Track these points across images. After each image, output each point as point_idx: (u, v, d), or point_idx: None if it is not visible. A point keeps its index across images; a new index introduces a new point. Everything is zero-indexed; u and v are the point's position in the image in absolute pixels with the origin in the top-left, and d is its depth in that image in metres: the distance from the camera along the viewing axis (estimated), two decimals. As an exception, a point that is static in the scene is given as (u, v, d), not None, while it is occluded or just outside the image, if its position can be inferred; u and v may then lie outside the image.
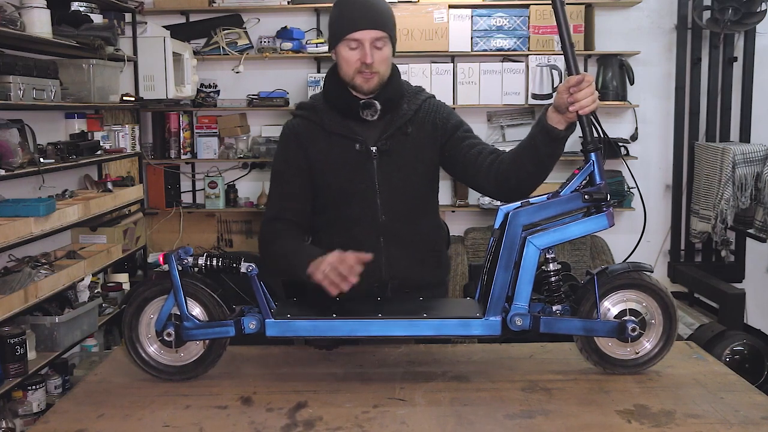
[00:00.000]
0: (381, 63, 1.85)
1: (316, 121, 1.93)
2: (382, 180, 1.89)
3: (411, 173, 1.91)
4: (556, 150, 1.73)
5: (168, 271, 1.61)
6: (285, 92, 4.44)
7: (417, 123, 1.92)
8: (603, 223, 1.62)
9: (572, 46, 1.62)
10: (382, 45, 1.84)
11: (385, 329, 1.62)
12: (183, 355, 1.67)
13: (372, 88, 1.86)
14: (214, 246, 4.60)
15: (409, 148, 1.91)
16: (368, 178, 1.89)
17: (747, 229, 4.22)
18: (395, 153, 1.89)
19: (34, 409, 2.86)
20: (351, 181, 1.90)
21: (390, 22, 1.87)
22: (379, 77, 1.86)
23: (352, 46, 1.83)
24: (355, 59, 1.83)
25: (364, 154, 1.89)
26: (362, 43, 1.82)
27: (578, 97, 1.60)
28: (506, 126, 4.55)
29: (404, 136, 1.90)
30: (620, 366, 1.67)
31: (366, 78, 1.84)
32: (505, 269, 1.61)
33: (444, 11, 4.29)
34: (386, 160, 1.89)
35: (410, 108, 1.93)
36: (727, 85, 4.42)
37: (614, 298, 1.66)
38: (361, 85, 1.86)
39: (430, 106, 1.95)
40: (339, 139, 1.90)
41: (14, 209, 2.77)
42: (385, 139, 1.89)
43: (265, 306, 1.63)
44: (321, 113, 1.93)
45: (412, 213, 1.93)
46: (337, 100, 1.92)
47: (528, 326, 1.61)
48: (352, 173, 1.89)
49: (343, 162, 1.90)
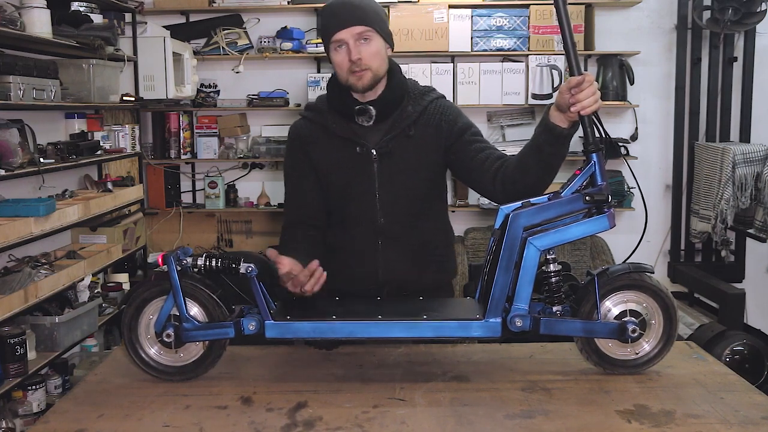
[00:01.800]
0: (371, 57, 1.82)
1: (320, 123, 1.93)
2: (382, 182, 1.89)
3: (412, 176, 1.90)
4: (561, 149, 1.72)
5: (167, 271, 1.61)
6: (285, 92, 4.44)
7: (421, 125, 1.90)
8: (604, 224, 1.62)
9: (574, 45, 1.61)
10: (368, 39, 1.82)
11: (385, 331, 1.62)
12: (182, 356, 1.66)
13: (366, 85, 1.84)
14: (214, 246, 4.61)
15: (412, 151, 1.89)
16: (368, 181, 1.89)
17: (747, 229, 4.22)
18: (397, 155, 1.89)
19: (34, 409, 2.86)
20: (351, 183, 1.90)
21: (373, 16, 1.83)
22: (372, 72, 1.83)
23: (338, 47, 1.83)
24: (344, 60, 1.82)
25: (364, 156, 1.88)
26: (346, 42, 1.81)
27: (580, 98, 1.59)
28: (506, 126, 4.55)
29: (407, 139, 1.89)
30: (620, 366, 1.67)
31: (358, 76, 1.82)
32: (506, 270, 1.60)
33: (444, 11, 4.29)
34: (387, 162, 1.88)
35: (415, 110, 1.91)
36: (727, 85, 4.42)
37: (615, 298, 1.65)
38: (355, 84, 1.84)
39: (436, 108, 1.93)
40: (341, 141, 1.90)
41: (14, 209, 2.77)
42: (387, 142, 1.88)
43: (265, 307, 1.62)
44: (325, 115, 1.93)
45: (413, 216, 1.93)
46: (338, 104, 1.91)
47: (528, 327, 1.61)
48: (352, 175, 1.89)
49: (344, 164, 1.90)
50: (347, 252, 1.94)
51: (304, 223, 1.97)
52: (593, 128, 1.63)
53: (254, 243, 4.62)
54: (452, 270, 2.07)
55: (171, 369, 1.66)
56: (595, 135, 1.63)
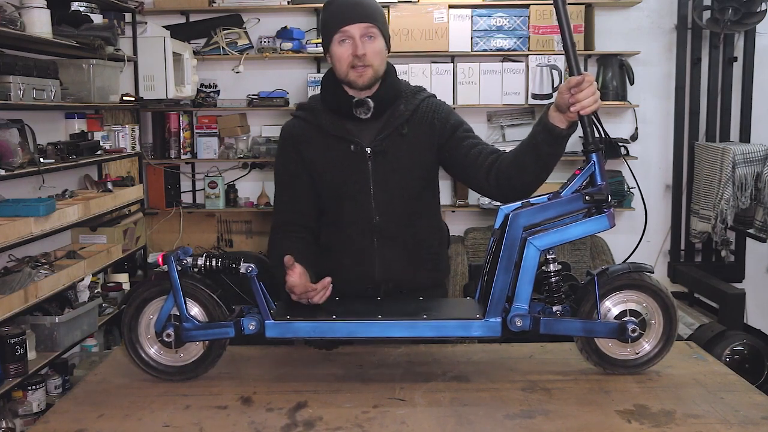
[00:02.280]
0: (374, 55, 1.84)
1: (312, 122, 1.93)
2: (377, 181, 1.88)
3: (406, 174, 1.90)
4: (558, 149, 1.72)
5: (167, 271, 1.61)
6: (285, 92, 4.44)
7: (414, 123, 1.91)
8: (604, 224, 1.62)
9: (573, 45, 1.61)
10: (373, 37, 1.83)
11: (385, 330, 1.62)
12: (183, 356, 1.66)
13: (366, 83, 1.85)
14: (214, 246, 4.61)
15: (405, 149, 1.89)
16: (363, 179, 1.88)
17: (747, 229, 4.22)
18: (390, 154, 1.88)
19: (34, 409, 2.86)
20: (345, 182, 1.89)
21: (378, 15, 1.86)
22: (373, 70, 1.84)
23: (341, 40, 1.83)
24: (346, 54, 1.83)
25: (359, 154, 1.88)
26: (352, 36, 1.82)
27: (579, 98, 1.60)
28: (506, 126, 4.55)
29: (400, 137, 1.89)
30: (620, 366, 1.67)
31: (359, 72, 1.83)
32: (506, 270, 1.60)
33: (444, 11, 4.29)
34: (381, 161, 1.88)
35: (407, 108, 1.91)
36: (727, 85, 4.42)
37: (615, 298, 1.65)
38: (355, 80, 1.84)
39: (428, 106, 1.93)
40: (335, 140, 1.90)
41: (14, 209, 2.77)
42: (381, 140, 1.88)
43: (265, 307, 1.62)
44: (318, 114, 1.93)
45: (407, 214, 1.93)
46: (332, 100, 1.91)
47: (528, 327, 1.61)
48: (346, 174, 1.89)
49: (338, 163, 1.89)
50: (342, 252, 1.94)
51: (295, 223, 1.96)
52: (593, 128, 1.63)
53: (254, 243, 4.62)
54: (446, 268, 2.08)
55: (171, 369, 1.66)
56: (594, 135, 1.63)
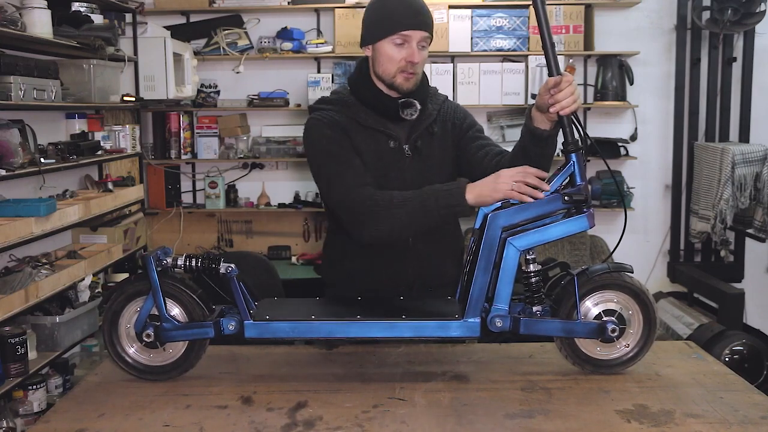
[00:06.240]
0: (422, 64, 1.89)
1: (349, 115, 1.90)
2: (414, 178, 1.89)
3: (439, 171, 1.93)
4: (545, 149, 1.75)
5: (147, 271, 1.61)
6: (285, 92, 4.44)
7: (440, 122, 1.96)
8: (583, 224, 1.62)
9: (553, 45, 1.61)
10: (425, 47, 1.87)
11: (364, 330, 1.62)
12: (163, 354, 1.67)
13: (411, 88, 1.88)
14: (214, 246, 4.61)
15: (436, 147, 1.94)
16: (401, 176, 1.90)
17: (746, 229, 4.22)
18: (424, 152, 1.92)
19: (34, 409, 2.86)
20: (384, 177, 1.88)
21: (433, 26, 1.90)
22: (417, 78, 1.88)
23: (398, 42, 1.83)
24: (400, 57, 1.84)
25: (397, 151, 1.90)
26: (410, 42, 1.83)
27: (558, 98, 1.61)
28: (506, 126, 4.55)
29: (431, 136, 1.94)
30: (600, 366, 1.66)
31: (407, 77, 1.86)
32: (485, 271, 1.60)
33: (444, 11, 4.29)
34: (417, 158, 1.91)
35: (434, 108, 1.96)
36: (726, 85, 4.42)
37: (594, 298, 1.65)
38: (401, 84, 1.86)
39: (449, 106, 2.00)
40: (374, 134, 1.90)
41: (15, 209, 2.77)
42: (416, 138, 1.91)
43: (244, 307, 1.62)
44: (353, 108, 1.91)
45: None
46: (372, 98, 1.90)
47: (508, 327, 1.61)
48: (385, 169, 1.89)
49: (378, 158, 1.89)
50: (376, 249, 1.90)
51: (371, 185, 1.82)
52: (572, 128, 1.64)
53: (254, 243, 4.62)
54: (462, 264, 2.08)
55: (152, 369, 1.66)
56: (574, 135, 1.64)
